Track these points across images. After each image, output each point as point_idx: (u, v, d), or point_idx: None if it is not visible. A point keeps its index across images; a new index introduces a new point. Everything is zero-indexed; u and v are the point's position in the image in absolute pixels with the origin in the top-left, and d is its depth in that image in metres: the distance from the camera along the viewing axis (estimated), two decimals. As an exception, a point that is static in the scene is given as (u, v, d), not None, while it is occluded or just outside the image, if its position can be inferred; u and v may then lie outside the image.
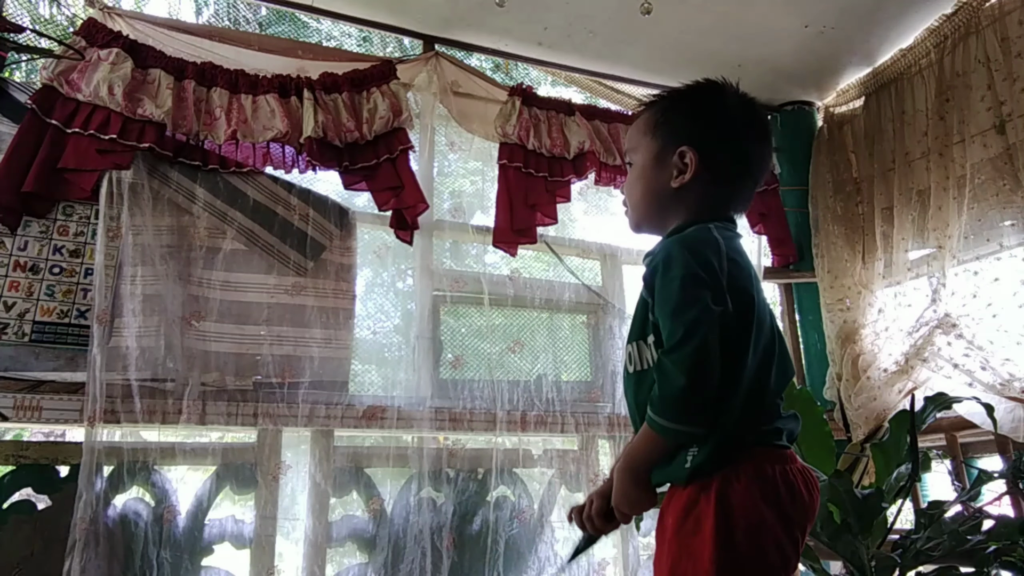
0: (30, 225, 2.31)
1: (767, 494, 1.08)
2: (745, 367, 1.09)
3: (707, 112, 1.28)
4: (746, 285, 1.13)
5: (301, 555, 2.34)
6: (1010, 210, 2.63)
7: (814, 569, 1.96)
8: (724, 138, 1.24)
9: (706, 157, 1.21)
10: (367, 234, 2.81)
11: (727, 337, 1.06)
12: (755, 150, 1.26)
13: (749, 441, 1.11)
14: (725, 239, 1.15)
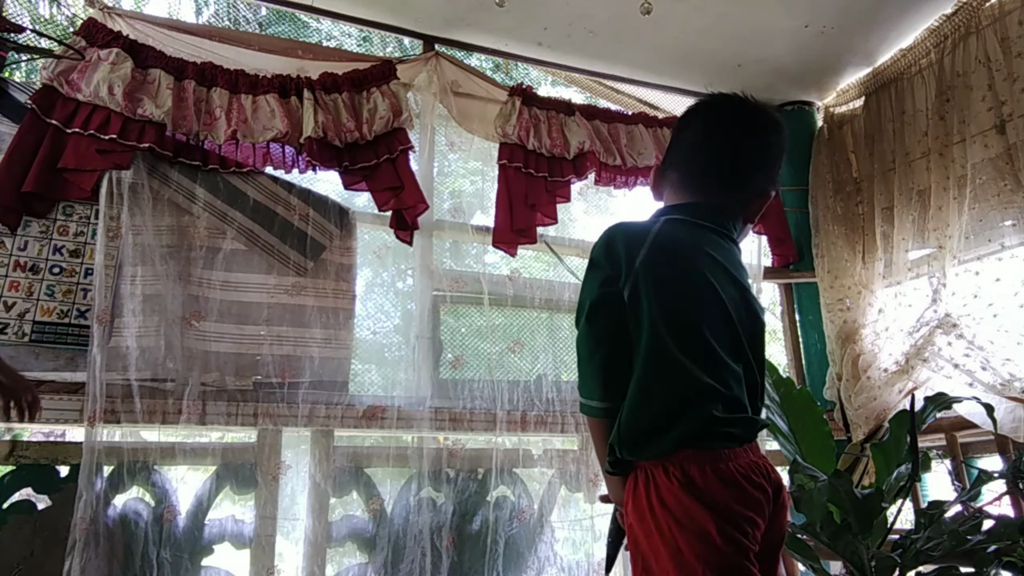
0: (30, 225, 2.31)
1: (696, 493, 1.08)
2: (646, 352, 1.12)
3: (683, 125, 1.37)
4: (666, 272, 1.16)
5: (301, 555, 2.34)
6: (1011, 210, 2.62)
7: (814, 569, 1.96)
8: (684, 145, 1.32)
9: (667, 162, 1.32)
10: (367, 234, 2.81)
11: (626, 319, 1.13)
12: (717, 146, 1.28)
13: (670, 441, 1.11)
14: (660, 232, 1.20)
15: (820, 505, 1.86)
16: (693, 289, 1.16)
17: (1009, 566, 1.81)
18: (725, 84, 3.46)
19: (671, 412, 1.10)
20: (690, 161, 1.28)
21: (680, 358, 1.11)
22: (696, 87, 3.51)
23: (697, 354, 1.12)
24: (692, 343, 1.12)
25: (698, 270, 1.17)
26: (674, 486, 1.08)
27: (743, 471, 1.12)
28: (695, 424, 1.10)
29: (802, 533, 1.99)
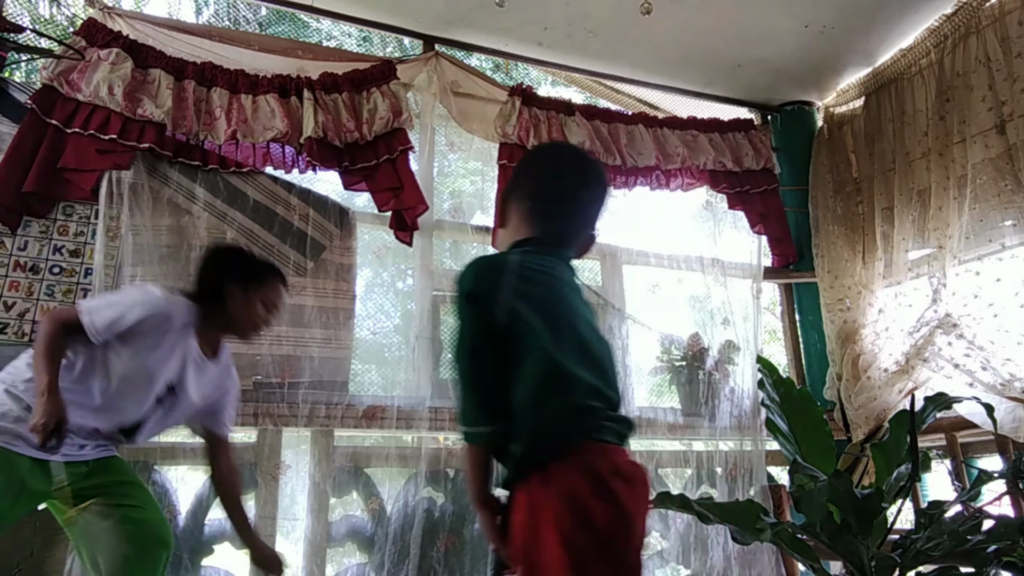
0: (30, 225, 2.31)
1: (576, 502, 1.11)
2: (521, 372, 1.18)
3: (517, 167, 1.54)
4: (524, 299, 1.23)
5: (301, 555, 2.34)
6: (1011, 210, 2.62)
7: (814, 569, 1.96)
8: (515, 187, 1.44)
9: (510, 198, 1.44)
10: (367, 234, 2.81)
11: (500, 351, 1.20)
12: (567, 188, 1.40)
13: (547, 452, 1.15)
14: (523, 262, 1.29)
15: (820, 505, 1.86)
16: (561, 307, 1.26)
17: (1009, 566, 1.81)
18: (725, 84, 3.47)
19: (570, 410, 1.17)
20: (541, 197, 1.39)
21: (568, 367, 1.18)
22: (696, 87, 3.51)
23: (580, 361, 1.20)
24: (574, 352, 1.21)
25: (560, 291, 1.29)
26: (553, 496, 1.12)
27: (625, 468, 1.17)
28: (591, 420, 1.17)
29: (802, 533, 1.99)
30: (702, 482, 2.95)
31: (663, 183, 3.19)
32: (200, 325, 1.90)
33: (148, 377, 1.81)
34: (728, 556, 2.81)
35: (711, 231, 3.33)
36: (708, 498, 2.66)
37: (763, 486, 2.97)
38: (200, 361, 1.91)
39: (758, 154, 3.39)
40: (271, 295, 1.97)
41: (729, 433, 3.01)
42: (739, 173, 3.33)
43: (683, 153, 3.21)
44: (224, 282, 1.94)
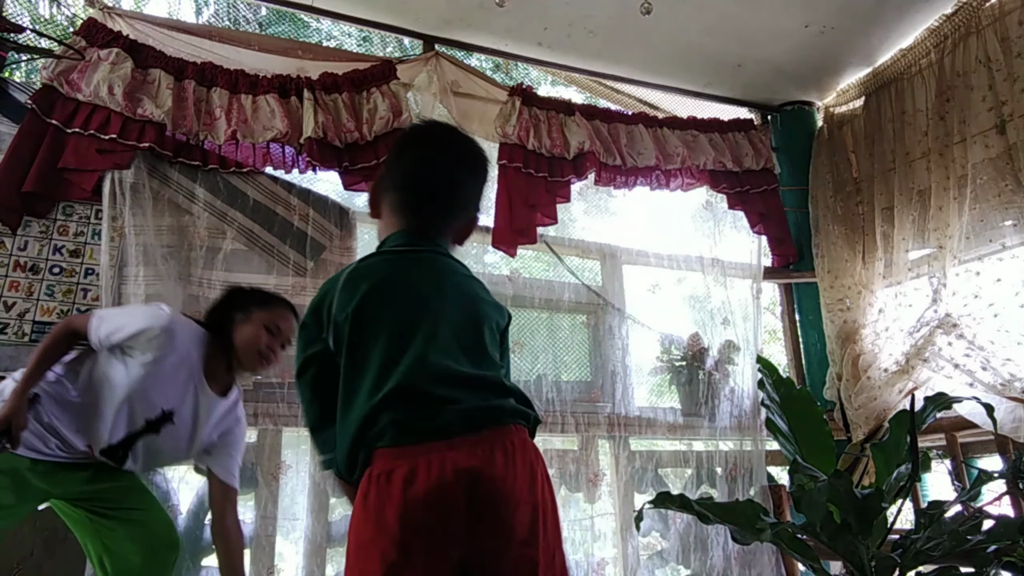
0: (30, 225, 2.31)
1: (363, 507, 1.09)
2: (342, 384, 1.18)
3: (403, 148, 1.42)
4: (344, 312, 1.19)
5: (301, 555, 2.34)
6: (1012, 210, 2.62)
7: (814, 569, 1.96)
8: (386, 174, 1.37)
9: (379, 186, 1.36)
10: (367, 234, 2.81)
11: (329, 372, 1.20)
12: (402, 165, 1.35)
13: (352, 456, 1.13)
14: (352, 272, 1.25)
15: (820, 505, 1.86)
16: (366, 311, 1.19)
17: (1009, 566, 1.81)
18: (725, 84, 3.47)
19: (350, 431, 1.13)
20: (407, 184, 1.33)
21: (357, 380, 1.16)
22: (696, 87, 3.51)
23: (369, 370, 1.15)
24: (361, 366, 1.16)
25: (370, 297, 1.20)
26: (357, 499, 1.11)
27: (408, 472, 1.06)
28: (356, 433, 1.12)
29: (802, 533, 1.99)
30: (702, 482, 2.96)
31: (663, 183, 3.19)
32: (208, 356, 1.88)
33: (143, 394, 1.78)
34: (728, 556, 2.81)
35: (711, 231, 3.33)
36: (708, 498, 2.66)
37: (763, 486, 2.97)
38: (204, 394, 1.87)
39: (758, 154, 3.39)
40: (275, 319, 1.92)
41: (729, 433, 3.01)
42: (739, 173, 3.33)
43: (683, 153, 3.21)
44: (230, 312, 1.93)
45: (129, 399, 1.77)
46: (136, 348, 1.77)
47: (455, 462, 1.06)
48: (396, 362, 1.14)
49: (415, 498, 1.04)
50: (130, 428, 1.80)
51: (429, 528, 1.05)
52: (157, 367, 1.77)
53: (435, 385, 1.13)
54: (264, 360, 1.91)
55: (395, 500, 1.05)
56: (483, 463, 1.08)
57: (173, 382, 1.82)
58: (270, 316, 1.92)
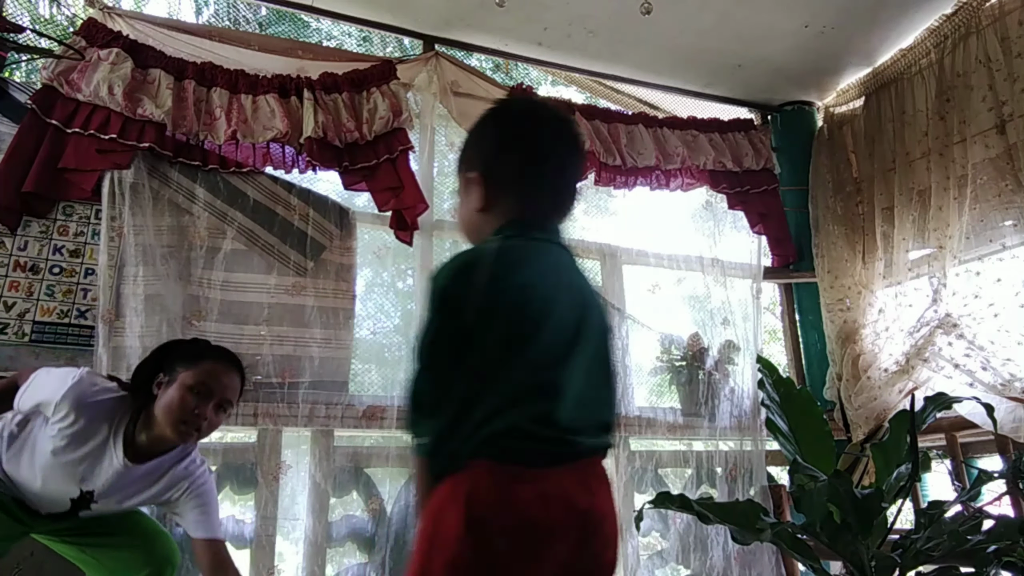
0: (30, 225, 2.31)
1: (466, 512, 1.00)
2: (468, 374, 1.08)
3: (489, 137, 1.29)
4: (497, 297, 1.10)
5: (301, 555, 2.34)
6: (1012, 210, 2.63)
7: (814, 569, 1.96)
8: (506, 156, 1.24)
9: (492, 177, 1.23)
10: (367, 234, 2.81)
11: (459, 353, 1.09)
12: (544, 158, 1.25)
13: (464, 453, 1.04)
14: (500, 251, 1.15)
15: (820, 505, 1.86)
16: (521, 311, 1.11)
17: (1009, 566, 1.81)
18: (725, 84, 3.47)
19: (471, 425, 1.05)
20: (520, 168, 1.23)
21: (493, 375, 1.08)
22: (696, 87, 3.51)
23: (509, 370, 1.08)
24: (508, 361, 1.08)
25: (534, 290, 1.13)
26: (451, 500, 1.02)
27: (535, 496, 1.02)
28: (490, 436, 1.04)
29: (802, 533, 1.99)
30: (702, 482, 2.95)
31: (663, 183, 3.19)
32: (129, 425, 1.66)
33: (58, 469, 1.63)
34: (728, 556, 2.81)
35: (711, 231, 3.33)
36: (708, 498, 2.66)
37: (763, 486, 2.97)
38: (126, 468, 1.66)
39: (758, 154, 3.39)
40: (204, 378, 1.65)
41: (729, 433, 3.01)
42: (739, 173, 3.33)
43: (683, 153, 3.21)
44: (155, 372, 1.69)
45: (47, 472, 1.63)
46: (49, 417, 1.62)
47: (575, 497, 1.06)
48: (544, 376, 1.09)
49: (534, 523, 1.01)
50: (58, 507, 1.68)
51: (537, 556, 1.02)
52: (68, 439, 1.61)
53: (571, 413, 1.09)
54: (188, 429, 1.64)
55: (507, 517, 1.01)
56: (593, 501, 1.09)
57: (86, 457, 1.63)
58: (198, 375, 1.65)
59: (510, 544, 1.00)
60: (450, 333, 1.10)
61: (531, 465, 1.04)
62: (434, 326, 1.11)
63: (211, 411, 1.67)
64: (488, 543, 0.99)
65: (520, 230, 1.20)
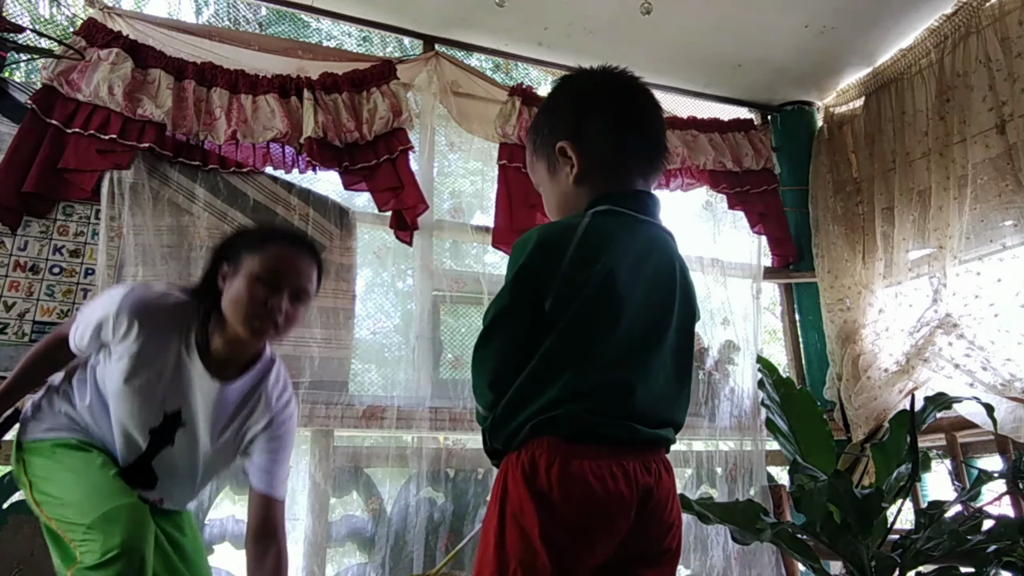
0: (30, 225, 2.31)
1: (532, 486, 1.02)
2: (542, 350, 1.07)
3: (561, 105, 1.25)
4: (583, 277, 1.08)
5: (301, 555, 2.34)
6: (1012, 210, 2.62)
7: (814, 569, 1.96)
8: (592, 122, 1.19)
9: (581, 142, 1.18)
10: (367, 234, 2.81)
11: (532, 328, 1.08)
12: (624, 116, 1.20)
13: (529, 429, 1.05)
14: (592, 229, 1.11)
15: (820, 505, 1.86)
16: (603, 291, 1.09)
17: (1009, 566, 1.81)
18: (725, 84, 3.47)
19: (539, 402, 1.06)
20: (621, 143, 1.18)
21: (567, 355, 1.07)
22: (696, 87, 3.51)
23: (585, 353, 1.07)
24: (585, 343, 1.08)
25: (618, 274, 1.10)
26: (518, 473, 1.04)
27: (598, 471, 1.03)
28: (557, 415, 1.05)
29: (802, 533, 1.99)
30: (702, 482, 2.95)
31: (663, 183, 3.19)
32: (200, 332, 1.47)
33: (135, 396, 1.44)
34: (728, 556, 2.81)
35: (711, 231, 3.33)
36: (708, 498, 2.66)
37: (763, 486, 2.97)
38: (203, 380, 1.48)
39: (758, 154, 3.39)
40: (272, 265, 1.43)
41: (729, 433, 3.01)
42: (739, 173, 3.33)
43: (683, 153, 3.21)
44: (220, 266, 1.48)
45: (125, 405, 1.45)
46: (110, 343, 1.44)
47: (636, 476, 1.07)
48: (621, 359, 1.08)
49: (598, 498, 1.02)
50: (137, 445, 1.49)
51: (600, 531, 1.04)
52: (136, 359, 1.42)
53: (640, 403, 1.09)
54: (263, 325, 1.42)
55: (579, 493, 1.02)
56: (654, 481, 1.09)
57: (163, 374, 1.45)
58: (266, 261, 1.43)
59: (574, 515, 1.01)
60: (522, 307, 1.09)
61: (595, 444, 1.05)
62: (508, 298, 1.10)
63: (286, 302, 1.44)
64: (553, 514, 1.01)
65: (614, 203, 1.15)
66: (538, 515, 1.01)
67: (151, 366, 1.44)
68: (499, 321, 1.10)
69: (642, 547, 1.09)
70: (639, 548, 1.08)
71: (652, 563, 1.10)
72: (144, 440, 1.49)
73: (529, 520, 1.01)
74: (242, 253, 1.47)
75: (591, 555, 1.03)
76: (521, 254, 1.10)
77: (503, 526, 1.03)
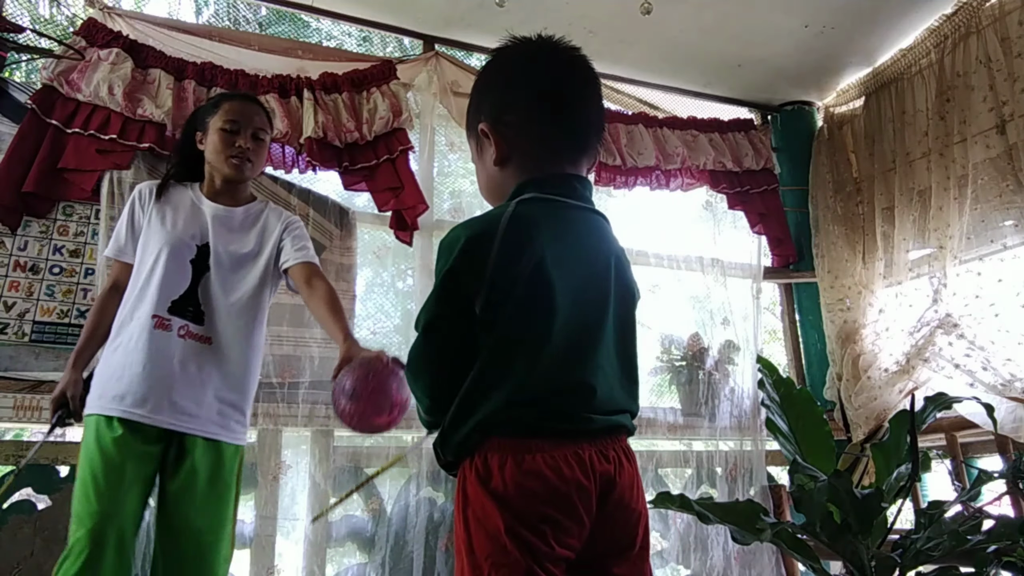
0: (30, 225, 2.31)
1: (488, 487, 1.01)
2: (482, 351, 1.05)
3: (490, 84, 1.20)
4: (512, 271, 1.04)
5: (301, 555, 2.34)
6: (1012, 210, 2.62)
7: (814, 569, 1.96)
8: (510, 101, 1.14)
9: (501, 123, 1.13)
10: (367, 234, 2.81)
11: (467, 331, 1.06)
12: (546, 93, 1.13)
13: (479, 433, 1.03)
14: (517, 218, 1.06)
15: (820, 505, 1.86)
16: (535, 288, 1.05)
17: (1009, 566, 1.81)
18: (725, 84, 3.47)
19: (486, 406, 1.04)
20: (545, 118, 1.11)
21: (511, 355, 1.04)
22: (696, 87, 3.51)
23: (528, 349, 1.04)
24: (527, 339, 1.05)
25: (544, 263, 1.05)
26: (473, 478, 1.03)
27: (552, 463, 1.00)
28: (505, 415, 1.03)
29: (802, 533, 1.99)
30: (702, 482, 2.95)
31: (663, 183, 3.19)
32: (201, 181, 1.91)
33: (173, 238, 1.80)
34: (728, 556, 2.81)
35: (711, 231, 3.33)
36: (708, 498, 2.66)
37: (763, 486, 2.97)
38: (216, 210, 1.88)
39: (758, 154, 3.39)
40: (228, 115, 1.86)
41: (729, 433, 3.01)
42: (739, 173, 3.33)
43: (683, 153, 3.21)
44: (193, 135, 1.92)
45: (167, 248, 1.79)
46: (144, 217, 1.84)
47: (593, 464, 1.04)
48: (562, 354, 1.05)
49: (555, 489, 1.00)
50: (183, 279, 1.79)
51: (563, 521, 1.01)
52: (164, 213, 1.84)
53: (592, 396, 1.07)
54: (239, 162, 1.86)
55: (536, 486, 1.00)
56: (615, 469, 1.06)
57: (186, 217, 1.85)
58: (225, 115, 1.86)
59: (534, 508, 1.00)
60: (452, 315, 1.06)
61: (546, 438, 1.03)
62: (436, 307, 1.07)
63: (249, 141, 1.87)
64: (514, 512, 0.99)
65: (539, 189, 1.10)
66: (500, 514, 0.99)
67: (177, 213, 1.86)
68: (430, 330, 1.08)
69: (611, 540, 1.07)
70: (608, 542, 1.06)
71: (622, 558, 1.08)
72: (187, 273, 1.80)
73: (492, 521, 0.99)
74: (206, 118, 1.89)
75: (559, 546, 1.01)
76: (448, 257, 1.06)
77: (469, 533, 1.02)
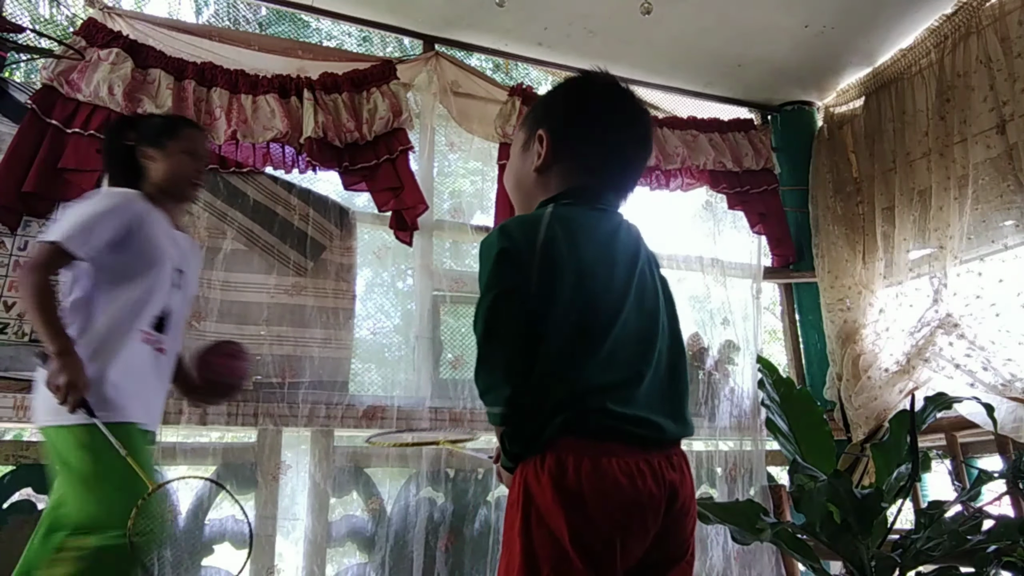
0: (30, 225, 2.31)
1: (561, 488, 0.99)
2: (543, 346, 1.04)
3: (566, 101, 1.26)
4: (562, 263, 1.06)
5: (301, 555, 2.34)
6: (1013, 210, 2.62)
7: (814, 569, 1.96)
8: (579, 123, 1.21)
9: (560, 140, 1.20)
10: (367, 234, 2.81)
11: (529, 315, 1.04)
12: (616, 134, 1.22)
13: (552, 430, 1.02)
14: (560, 217, 1.11)
15: (820, 505, 1.86)
16: (597, 280, 1.08)
17: (1009, 566, 1.81)
18: (725, 84, 3.47)
19: (557, 402, 1.03)
20: (598, 153, 1.20)
21: (574, 350, 1.05)
22: (696, 87, 3.51)
23: (593, 346, 1.05)
24: (590, 335, 1.06)
25: (600, 259, 1.10)
26: (544, 476, 1.01)
27: (627, 469, 1.01)
28: (579, 414, 1.02)
29: (802, 533, 1.99)
30: (702, 482, 2.95)
31: (663, 183, 3.19)
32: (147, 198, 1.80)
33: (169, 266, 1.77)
34: (728, 556, 2.81)
35: (711, 231, 3.33)
36: (708, 498, 2.66)
37: (763, 486, 2.97)
38: (180, 237, 1.86)
39: (758, 154, 3.39)
40: (192, 144, 1.87)
41: (729, 433, 3.00)
42: (739, 173, 3.33)
43: (683, 153, 3.21)
44: (136, 152, 1.84)
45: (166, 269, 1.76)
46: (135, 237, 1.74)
47: (663, 472, 1.05)
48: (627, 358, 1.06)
49: (629, 497, 1.01)
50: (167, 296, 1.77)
51: (634, 530, 1.02)
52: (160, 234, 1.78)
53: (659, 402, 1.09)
54: (198, 188, 1.91)
55: (612, 492, 1.00)
56: (679, 479, 1.08)
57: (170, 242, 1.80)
58: (189, 141, 1.86)
59: (606, 514, 0.99)
60: (511, 291, 1.05)
61: (621, 442, 1.03)
62: (496, 286, 1.06)
63: (204, 170, 1.94)
64: (584, 514, 0.99)
65: (578, 198, 1.16)
66: (567, 516, 0.98)
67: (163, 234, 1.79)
68: (494, 313, 1.05)
69: (667, 549, 1.06)
70: (664, 551, 1.06)
71: (672, 567, 1.08)
72: (168, 293, 1.78)
73: (558, 522, 0.98)
74: (163, 138, 1.84)
75: (624, 557, 1.00)
76: (493, 245, 1.08)
77: (528, 531, 1.00)
